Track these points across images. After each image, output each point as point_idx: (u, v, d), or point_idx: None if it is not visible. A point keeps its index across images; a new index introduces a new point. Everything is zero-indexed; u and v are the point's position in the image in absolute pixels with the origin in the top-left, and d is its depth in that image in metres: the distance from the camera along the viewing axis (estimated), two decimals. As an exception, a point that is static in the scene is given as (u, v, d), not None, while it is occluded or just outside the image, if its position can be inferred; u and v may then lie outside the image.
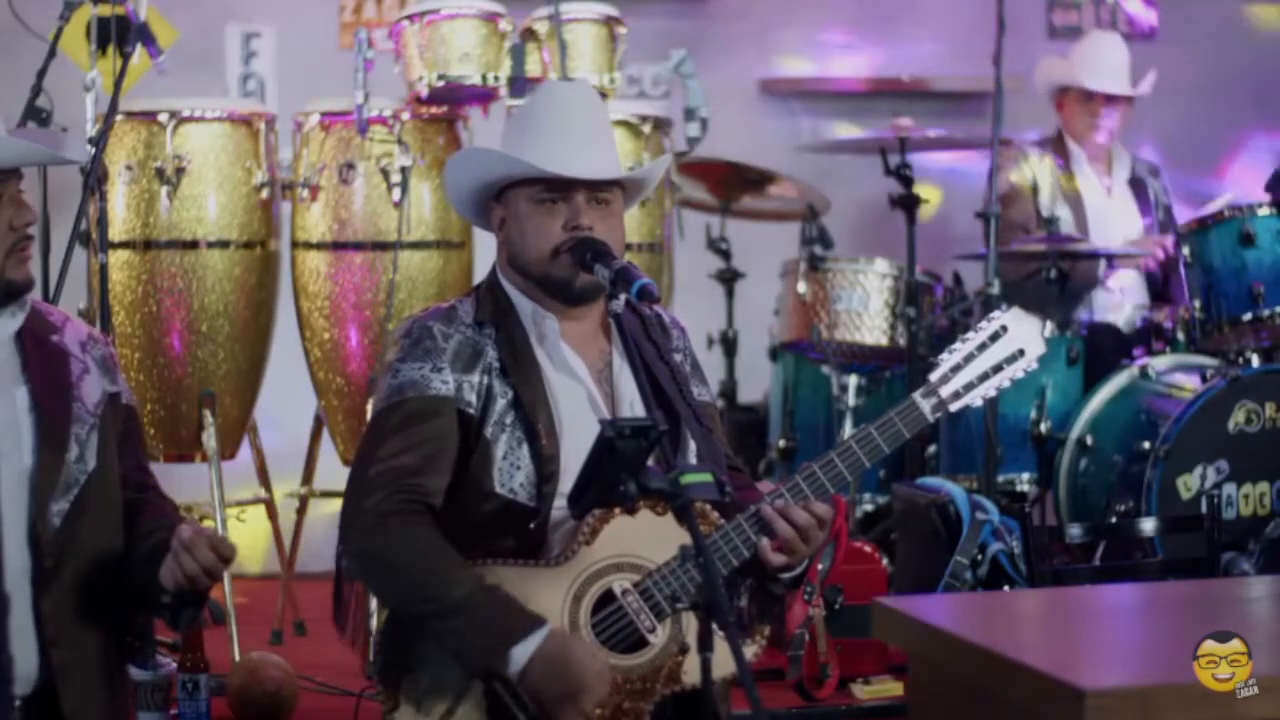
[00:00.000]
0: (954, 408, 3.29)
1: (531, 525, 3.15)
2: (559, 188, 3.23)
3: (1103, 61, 6.18)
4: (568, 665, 3.01)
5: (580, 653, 3.04)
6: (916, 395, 3.26)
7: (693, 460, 3.25)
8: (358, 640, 3.47)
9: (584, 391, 3.25)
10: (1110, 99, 6.14)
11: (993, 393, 3.31)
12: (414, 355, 3.20)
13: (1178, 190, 6.49)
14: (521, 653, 3.00)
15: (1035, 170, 6.14)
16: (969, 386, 3.29)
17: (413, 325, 3.26)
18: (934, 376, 3.29)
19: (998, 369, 3.30)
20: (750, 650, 3.15)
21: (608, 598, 3.12)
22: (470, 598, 3.03)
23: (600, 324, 3.32)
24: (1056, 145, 6.21)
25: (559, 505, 3.16)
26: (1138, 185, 6.25)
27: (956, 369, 3.28)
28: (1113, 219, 6.14)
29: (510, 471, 3.17)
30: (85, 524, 3.05)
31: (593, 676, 3.03)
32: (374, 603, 3.97)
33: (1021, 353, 3.32)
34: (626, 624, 3.11)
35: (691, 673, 3.10)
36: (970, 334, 3.31)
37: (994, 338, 3.31)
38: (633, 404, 3.25)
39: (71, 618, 3.02)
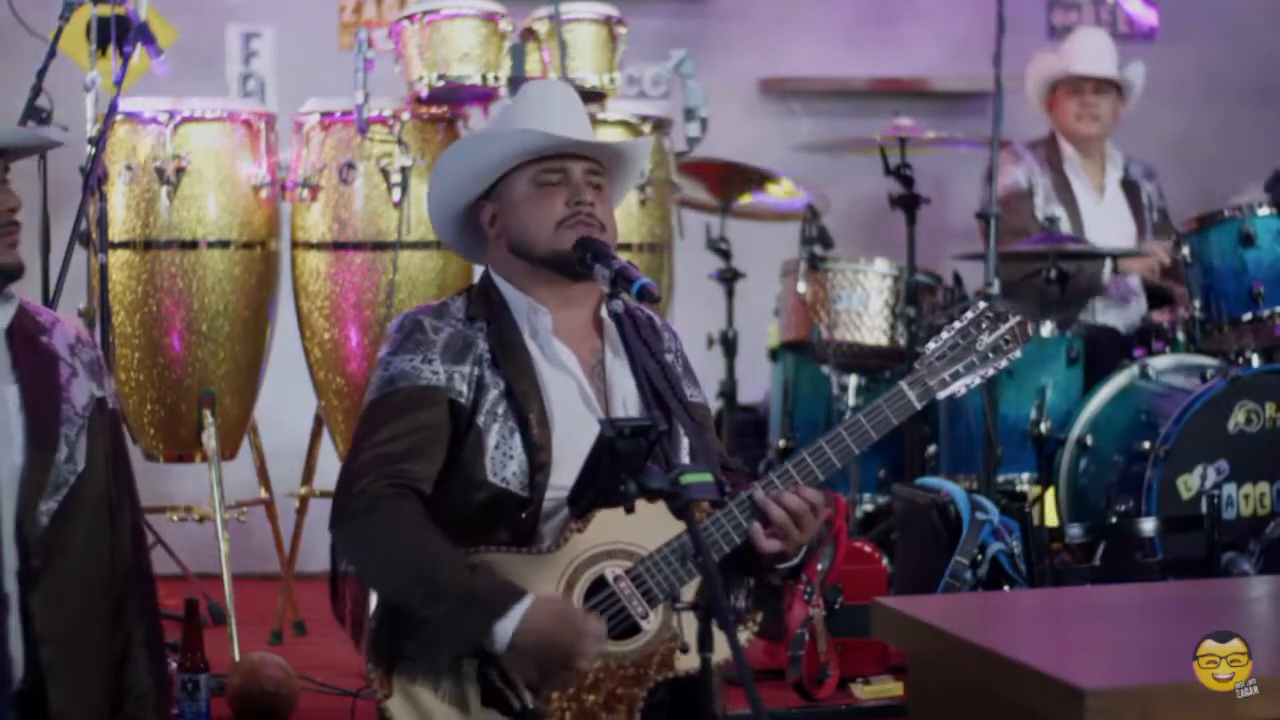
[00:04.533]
0: (940, 395, 3.31)
1: (523, 515, 3.17)
2: (559, 168, 3.27)
3: (1088, 49, 6.23)
4: (554, 632, 3.01)
5: (565, 616, 3.04)
6: (903, 383, 3.29)
7: (686, 458, 3.26)
8: (357, 635, 3.48)
9: (575, 385, 3.27)
10: (1099, 88, 6.16)
11: (978, 381, 3.33)
12: (405, 348, 3.24)
13: (1177, 191, 6.49)
14: (505, 628, 3.01)
15: (1031, 172, 6.15)
16: (955, 375, 3.31)
17: (404, 320, 3.30)
18: (920, 365, 3.31)
19: (984, 359, 3.33)
20: (742, 636, 3.16)
21: (600, 584, 3.14)
22: (454, 580, 3.04)
23: (593, 320, 3.35)
24: (1049, 147, 6.22)
25: (551, 496, 3.18)
26: (1130, 187, 6.26)
27: (942, 358, 3.31)
28: (1105, 221, 6.15)
29: (502, 461, 3.19)
30: (74, 524, 3.04)
31: (580, 637, 3.02)
32: (372, 596, 3.98)
33: (1007, 342, 3.34)
34: (619, 610, 3.13)
35: (684, 659, 3.11)
36: (956, 323, 3.34)
37: (979, 327, 3.33)
38: (625, 400, 3.28)
39: (61, 617, 3.02)
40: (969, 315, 3.35)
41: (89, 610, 3.07)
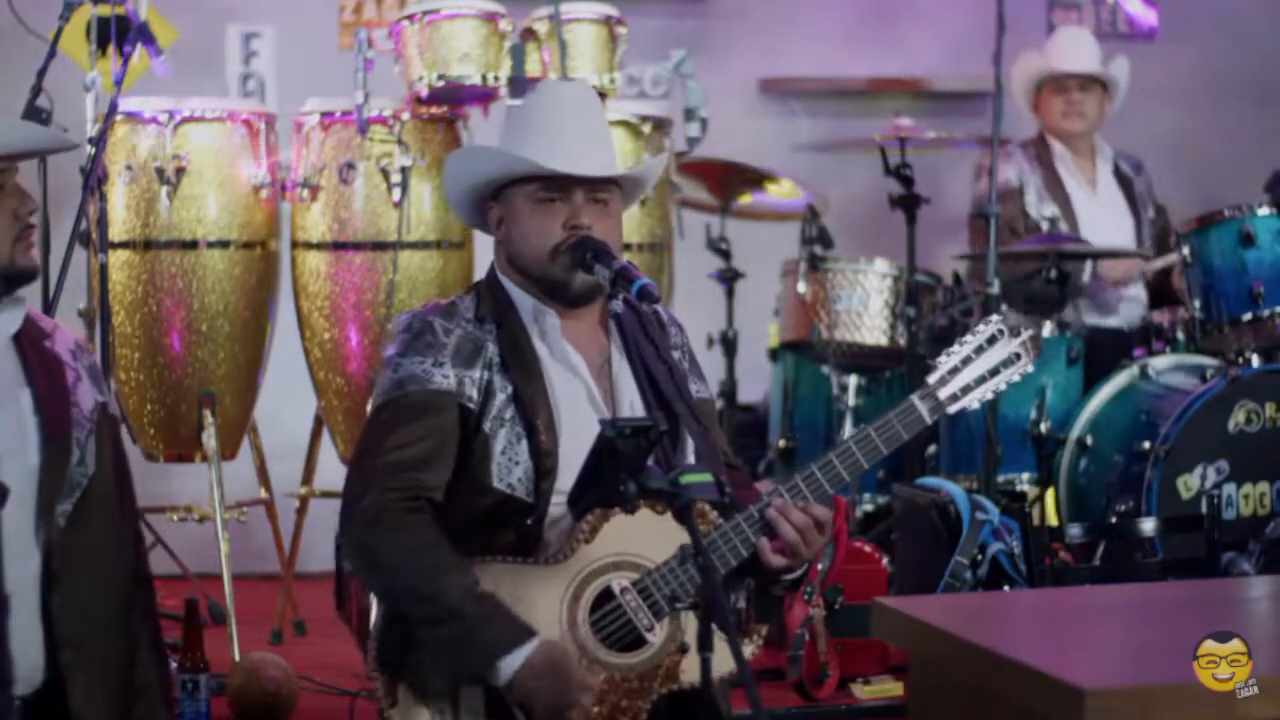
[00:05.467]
0: (951, 410, 3.30)
1: (529, 521, 3.16)
2: (558, 186, 3.23)
3: (1070, 47, 6.26)
4: (555, 678, 3.02)
5: (568, 665, 3.05)
6: (914, 397, 3.27)
7: (691, 459, 3.26)
8: (363, 638, 3.48)
9: (583, 388, 3.26)
10: (1083, 85, 6.18)
11: (989, 396, 3.32)
12: (415, 349, 3.21)
13: (1177, 191, 6.49)
14: (509, 664, 3.01)
15: (1021, 170, 6.16)
16: (966, 389, 3.30)
17: (413, 319, 3.26)
18: (932, 379, 3.30)
19: (994, 372, 3.32)
20: (748, 649, 3.16)
21: (606, 596, 3.13)
22: (461, 605, 3.03)
23: (599, 321, 3.33)
24: (1039, 145, 6.23)
25: (556, 502, 3.16)
26: (1123, 180, 6.27)
27: (954, 371, 3.30)
28: (1101, 214, 6.15)
29: (509, 466, 3.17)
30: (87, 526, 3.08)
31: (579, 689, 3.04)
32: (373, 599, 3.98)
33: (1018, 356, 3.33)
34: (625, 622, 3.12)
35: (689, 671, 3.11)
36: (968, 337, 3.33)
37: (991, 341, 3.32)
38: (631, 401, 3.27)
39: (78, 619, 3.05)
40: (981, 329, 3.33)
41: (101, 611, 3.11)
